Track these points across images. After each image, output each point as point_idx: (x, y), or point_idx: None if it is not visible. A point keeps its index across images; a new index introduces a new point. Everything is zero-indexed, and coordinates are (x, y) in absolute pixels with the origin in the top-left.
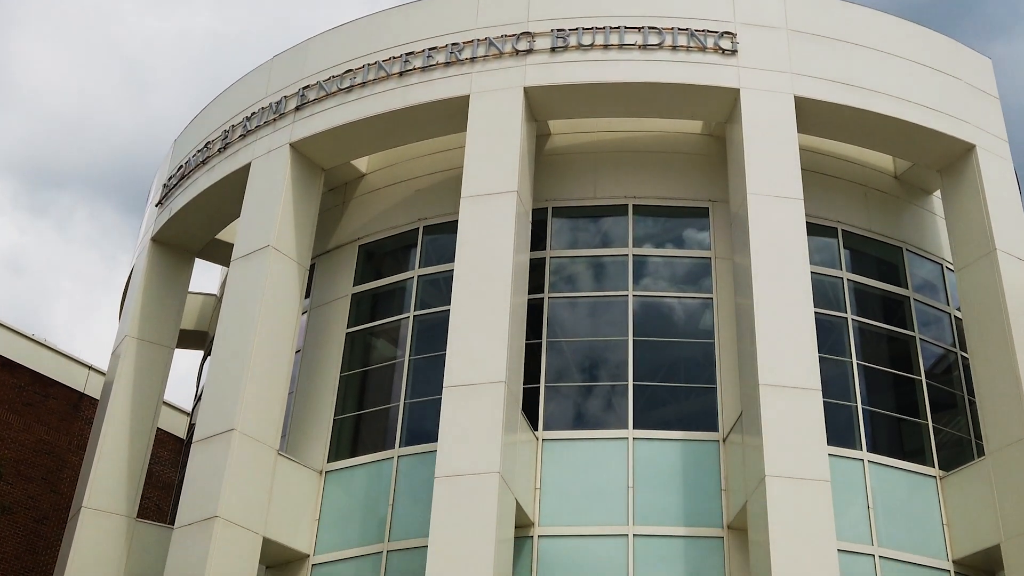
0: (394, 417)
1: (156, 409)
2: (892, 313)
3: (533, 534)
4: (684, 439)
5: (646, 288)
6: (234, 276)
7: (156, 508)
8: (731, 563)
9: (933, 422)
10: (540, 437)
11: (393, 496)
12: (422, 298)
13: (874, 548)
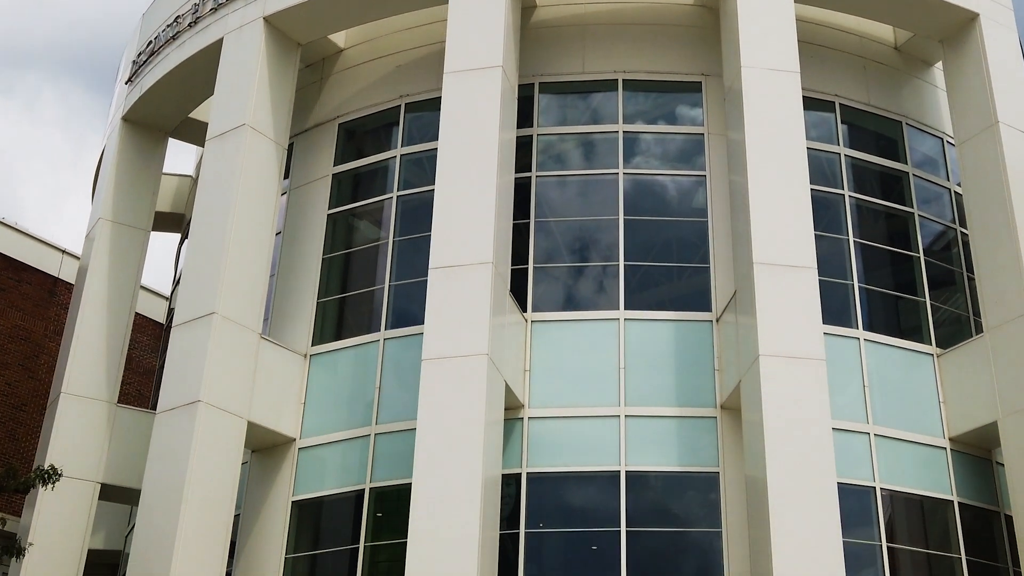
0: (379, 300)
1: (134, 293)
2: (890, 189)
3: (523, 416)
4: (676, 319)
5: (637, 166)
6: (209, 156)
7: (137, 394)
8: (724, 443)
9: (931, 300)
10: (529, 319)
11: (380, 379)
12: (405, 178)
13: (869, 426)
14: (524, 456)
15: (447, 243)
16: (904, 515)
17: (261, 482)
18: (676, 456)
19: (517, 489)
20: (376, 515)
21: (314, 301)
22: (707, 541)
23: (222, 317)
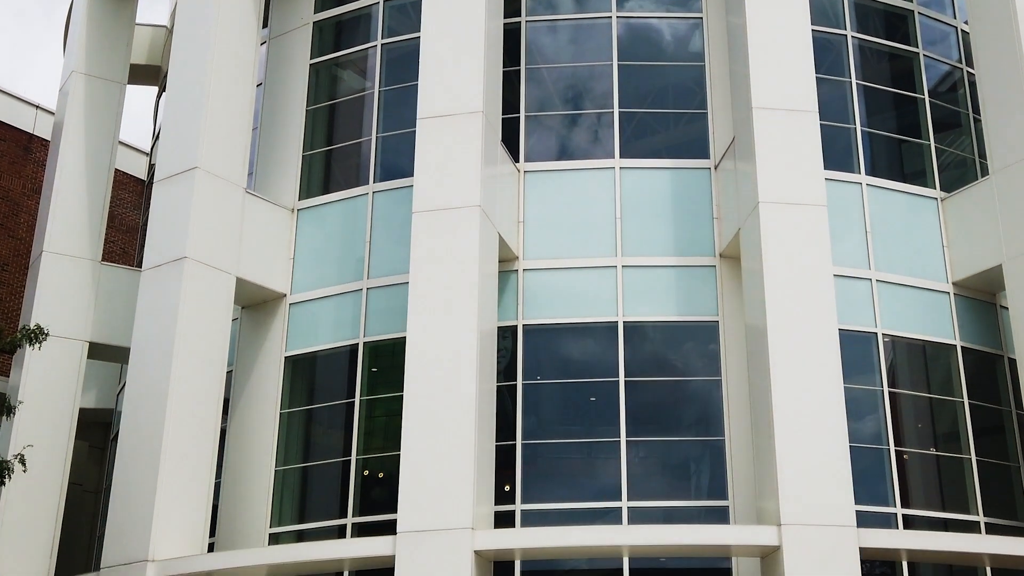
0: (366, 152)
1: (112, 148)
2: (895, 29)
3: (518, 268)
4: (674, 167)
5: (631, 10)
6: (184, 3)
7: (122, 252)
8: (724, 292)
9: (935, 142)
10: (522, 169)
11: (370, 233)
12: (390, 25)
13: (871, 272)
14: (520, 309)
15: (435, 92)
16: (906, 360)
17: (253, 338)
18: (675, 306)
19: (513, 342)
20: (371, 370)
21: (299, 154)
22: (707, 391)
23: (205, 172)
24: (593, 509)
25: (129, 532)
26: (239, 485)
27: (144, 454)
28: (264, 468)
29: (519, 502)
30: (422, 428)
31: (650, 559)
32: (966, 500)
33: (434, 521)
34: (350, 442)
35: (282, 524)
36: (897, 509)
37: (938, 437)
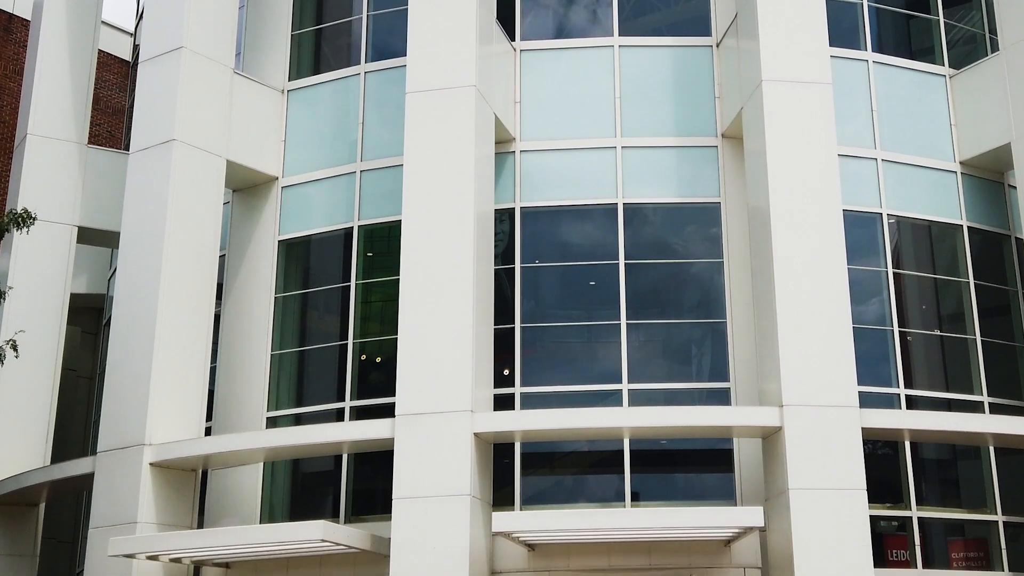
0: (357, 31)
1: (95, 28)
2: None
3: (515, 149)
4: (674, 45)
5: None
6: None
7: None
8: (725, 173)
9: (944, 18)
10: (518, 48)
11: (362, 114)
12: None
13: (877, 152)
14: (517, 191)
15: None
16: (911, 241)
17: (245, 222)
18: (676, 187)
19: (511, 225)
20: (367, 255)
21: (288, 33)
22: (708, 273)
23: (191, 51)
24: (593, 392)
25: (125, 417)
26: (235, 370)
27: (137, 339)
28: (260, 352)
29: (518, 385)
30: (419, 311)
31: (651, 441)
32: (970, 380)
33: (433, 404)
34: (346, 326)
35: (279, 408)
36: (900, 390)
37: (943, 318)
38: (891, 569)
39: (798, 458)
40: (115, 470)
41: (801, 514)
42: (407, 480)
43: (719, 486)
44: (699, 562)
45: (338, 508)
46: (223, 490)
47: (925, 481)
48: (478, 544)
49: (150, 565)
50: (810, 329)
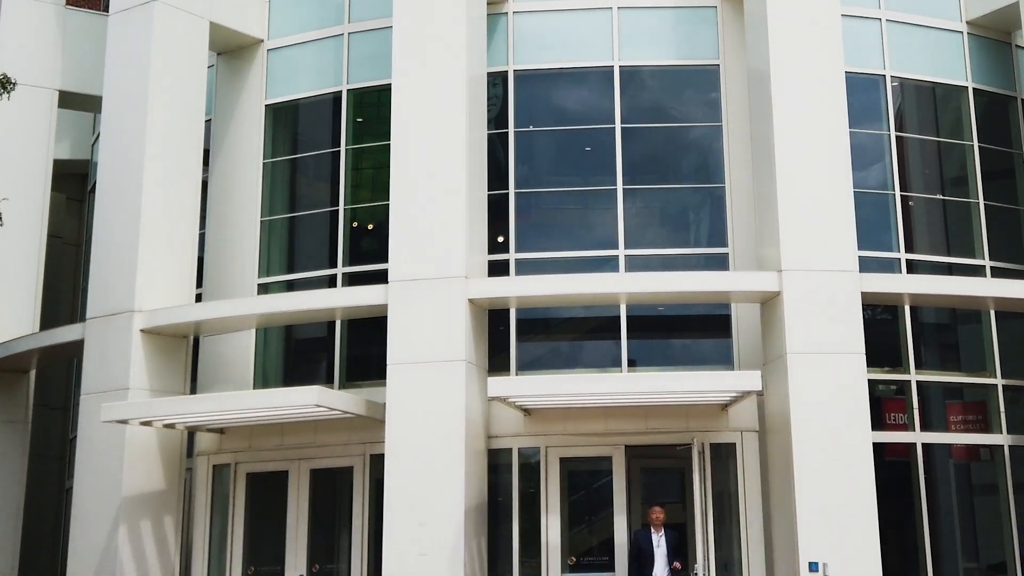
0: None
1: None
2: None
3: (507, 11)
4: None
5: None
6: None
7: None
8: (725, 35)
9: None
10: None
11: None
12: None
13: (880, 12)
14: (510, 54)
15: None
16: (915, 103)
17: (231, 87)
18: (674, 49)
19: (504, 89)
20: (356, 120)
21: None
22: (707, 138)
23: None
24: (590, 258)
25: (113, 283)
26: (224, 236)
27: (123, 205)
28: (250, 219)
29: (513, 252)
30: (411, 177)
31: (648, 307)
32: (972, 244)
33: (426, 270)
34: (337, 192)
35: (270, 275)
36: (901, 254)
37: (945, 182)
38: (889, 432)
39: (796, 323)
40: (105, 337)
41: (799, 378)
42: (401, 346)
43: (717, 352)
44: (696, 426)
45: (332, 374)
46: (215, 357)
47: (924, 345)
48: (474, 409)
49: (143, 431)
50: (810, 193)
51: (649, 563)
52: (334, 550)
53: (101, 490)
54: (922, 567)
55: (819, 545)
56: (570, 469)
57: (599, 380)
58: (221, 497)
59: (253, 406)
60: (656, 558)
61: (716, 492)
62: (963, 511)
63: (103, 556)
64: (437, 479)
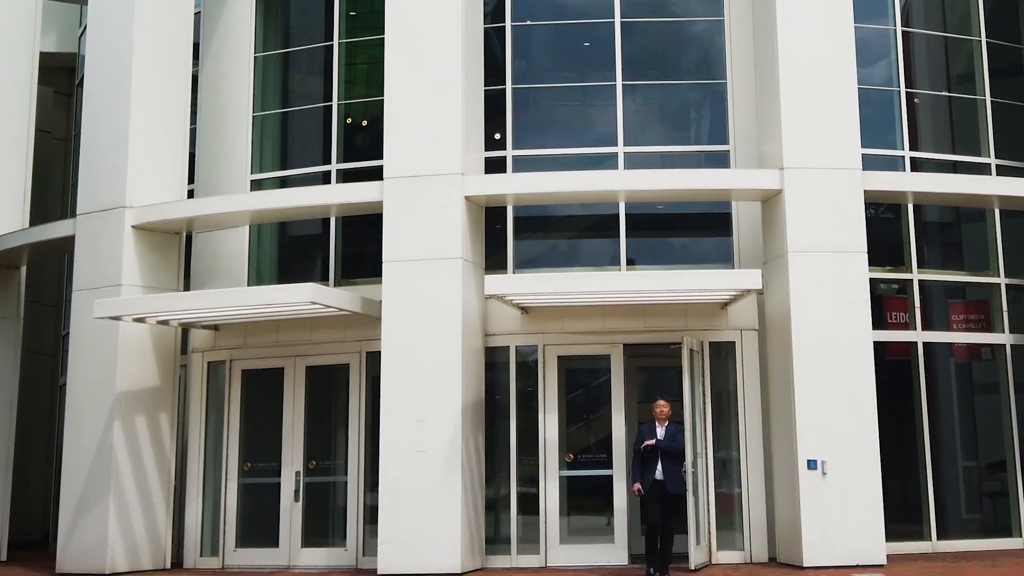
0: None
1: None
2: None
3: None
4: None
5: None
6: None
7: None
8: None
9: None
10: None
11: None
12: None
13: None
14: None
15: None
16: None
17: None
18: None
19: None
20: (349, 13)
21: None
22: (708, 33)
23: None
24: (588, 155)
25: (103, 179)
26: (216, 132)
27: (113, 100)
28: (241, 114)
29: (510, 148)
30: (406, 72)
31: (647, 205)
32: (977, 142)
33: (422, 167)
34: (330, 87)
35: (263, 171)
36: (905, 152)
37: (952, 79)
38: (890, 331)
39: (798, 221)
40: (96, 233)
41: (800, 277)
42: (397, 244)
43: (717, 250)
44: (695, 325)
45: (327, 271)
46: (209, 253)
47: (927, 244)
48: (471, 307)
49: (136, 328)
50: (813, 90)
51: (652, 456)
52: (331, 447)
53: (95, 387)
54: (921, 466)
55: (818, 443)
56: (568, 367)
57: (597, 278)
58: (216, 394)
59: (248, 303)
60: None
61: (715, 391)
62: (963, 410)
63: (98, 453)
64: (434, 377)
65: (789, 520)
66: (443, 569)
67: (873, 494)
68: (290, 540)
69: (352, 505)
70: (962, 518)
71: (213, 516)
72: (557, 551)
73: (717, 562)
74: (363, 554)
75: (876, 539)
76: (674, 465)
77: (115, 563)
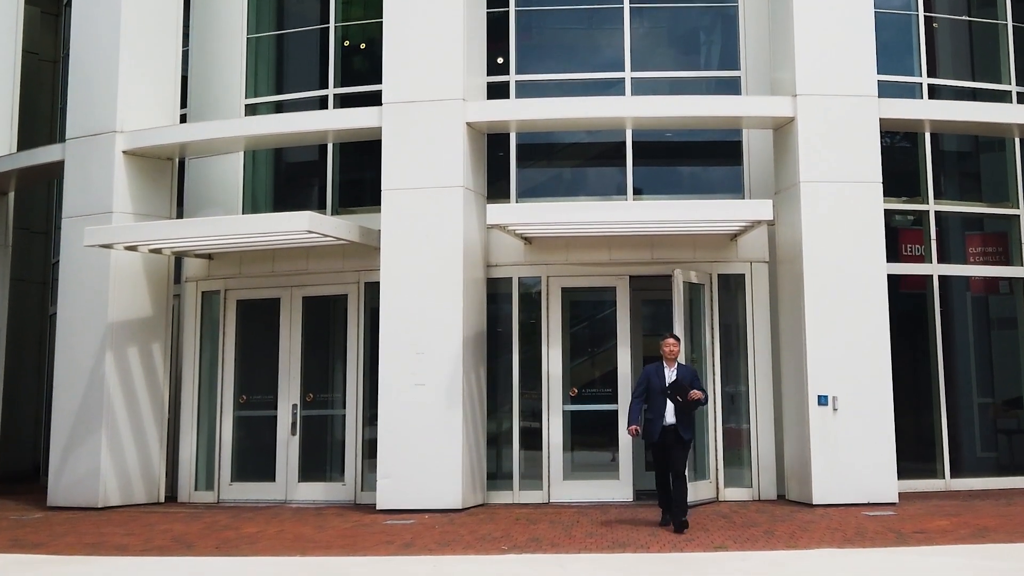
0: None
1: None
2: None
3: None
4: None
5: None
6: None
7: None
8: None
9: None
10: None
11: None
12: None
13: None
14: None
15: None
16: None
17: None
18: None
19: None
20: None
21: None
22: None
23: None
24: (594, 81)
25: (93, 102)
26: (209, 54)
27: (102, 20)
28: (235, 36)
29: (513, 73)
30: None
31: (655, 133)
32: (998, 69)
33: (422, 92)
34: (327, 8)
35: (258, 95)
36: (923, 79)
37: (972, 2)
38: (905, 264)
39: (811, 150)
40: (86, 158)
41: (812, 207)
42: (396, 171)
43: (726, 180)
44: (704, 256)
45: (324, 199)
46: (202, 180)
47: (944, 174)
48: (472, 237)
49: (128, 256)
50: (828, 13)
51: (660, 399)
52: (328, 380)
53: (86, 316)
54: (935, 402)
55: (829, 379)
56: (572, 299)
57: (603, 208)
58: (211, 325)
59: (243, 231)
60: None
61: (724, 324)
62: (980, 346)
63: (89, 383)
64: (434, 308)
65: (798, 457)
66: (444, 505)
67: (885, 431)
68: (287, 474)
69: (350, 439)
70: (976, 456)
71: (208, 450)
72: (560, 487)
73: (724, 499)
74: (361, 489)
75: (888, 477)
76: (688, 411)
77: (108, 497)
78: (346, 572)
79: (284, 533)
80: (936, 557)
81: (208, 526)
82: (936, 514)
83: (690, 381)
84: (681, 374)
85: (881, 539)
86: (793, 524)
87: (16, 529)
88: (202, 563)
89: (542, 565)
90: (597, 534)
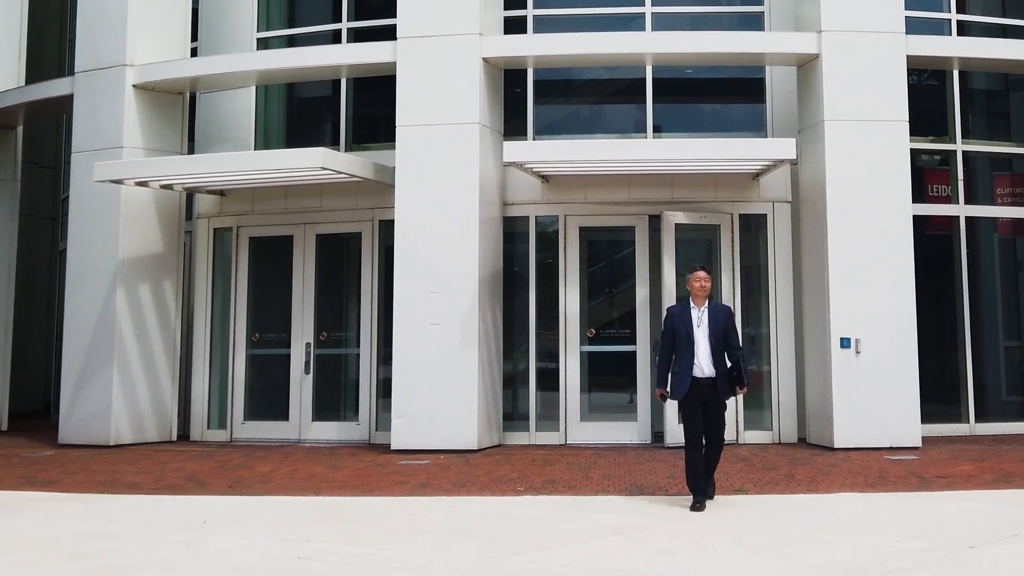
0: None
1: None
2: None
3: None
4: None
5: None
6: None
7: None
8: None
9: None
10: None
11: None
12: None
13: None
14: None
15: None
16: None
17: None
18: None
19: None
20: None
21: None
22: None
23: None
24: (613, 16)
25: (103, 35)
26: None
27: None
28: None
29: (531, 7)
30: None
31: (676, 69)
32: None
33: (438, 26)
34: None
35: (270, 29)
36: (951, 15)
37: None
38: (931, 205)
39: (835, 87)
40: (96, 92)
41: (836, 146)
42: (411, 107)
43: (748, 118)
44: (725, 196)
45: (338, 135)
46: (214, 115)
47: (972, 113)
48: (488, 175)
49: (139, 192)
50: None
51: (687, 347)
52: (342, 319)
53: (96, 252)
54: (960, 345)
55: (851, 321)
56: (590, 239)
57: (623, 146)
58: (223, 262)
59: (255, 168)
60: (697, 340)
61: (744, 265)
62: (1006, 288)
63: (100, 320)
64: (450, 247)
65: (820, 400)
66: (459, 445)
67: (909, 374)
68: (300, 413)
69: (364, 379)
70: (1002, 400)
71: (220, 388)
72: (577, 428)
73: (744, 442)
74: (376, 429)
75: (911, 421)
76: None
77: (119, 435)
78: (361, 512)
79: (297, 472)
80: (959, 502)
81: (221, 464)
82: (960, 459)
83: (724, 326)
84: (714, 316)
85: (903, 483)
86: (814, 468)
87: (27, 467)
88: (215, 501)
89: (559, 507)
90: (614, 476)
